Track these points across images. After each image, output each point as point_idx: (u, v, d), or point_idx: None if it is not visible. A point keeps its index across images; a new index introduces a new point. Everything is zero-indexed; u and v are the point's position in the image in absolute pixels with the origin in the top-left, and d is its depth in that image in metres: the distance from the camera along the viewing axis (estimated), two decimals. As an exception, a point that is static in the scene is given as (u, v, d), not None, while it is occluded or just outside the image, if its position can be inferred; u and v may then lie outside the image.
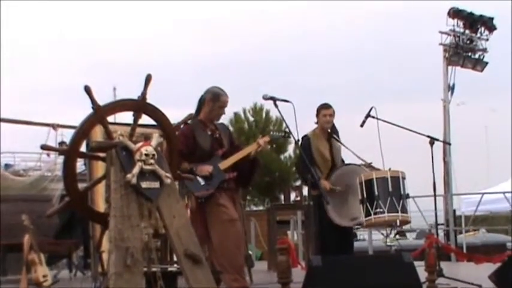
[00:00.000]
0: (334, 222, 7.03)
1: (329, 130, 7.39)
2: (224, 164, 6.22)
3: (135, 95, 4.29)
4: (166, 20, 53.84)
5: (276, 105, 6.23)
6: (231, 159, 6.27)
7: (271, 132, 6.75)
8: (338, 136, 7.45)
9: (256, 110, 29.88)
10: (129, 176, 3.94)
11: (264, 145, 6.33)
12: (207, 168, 6.10)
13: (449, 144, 17.49)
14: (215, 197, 6.10)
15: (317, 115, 7.36)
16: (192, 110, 6.19)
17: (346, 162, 7.40)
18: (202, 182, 6.09)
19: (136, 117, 4.30)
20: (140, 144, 4.09)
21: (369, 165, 7.00)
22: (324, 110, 7.35)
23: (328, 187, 7.03)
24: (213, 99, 6.27)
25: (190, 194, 6.14)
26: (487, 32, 18.72)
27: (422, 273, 5.64)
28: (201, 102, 6.34)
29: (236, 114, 29.30)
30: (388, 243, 9.45)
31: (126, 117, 4.64)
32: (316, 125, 7.43)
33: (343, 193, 7.09)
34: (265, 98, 6.29)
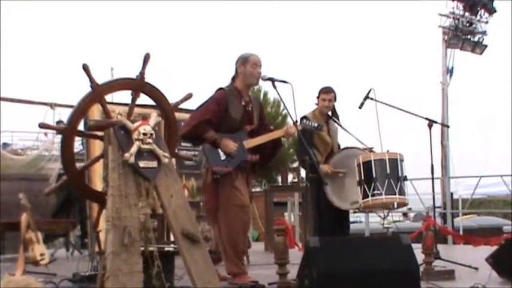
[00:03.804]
0: (334, 205, 7.02)
1: (329, 113, 7.35)
2: (249, 143, 6.13)
3: (133, 75, 4.27)
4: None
5: (275, 86, 6.13)
6: (258, 139, 6.17)
7: (304, 121, 6.66)
8: (338, 120, 7.39)
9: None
10: (126, 155, 3.93)
11: (294, 132, 6.23)
12: (232, 146, 6.01)
13: (448, 126, 17.52)
14: (231, 178, 6.02)
15: (317, 97, 7.31)
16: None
17: (348, 145, 7.33)
18: (222, 157, 6.01)
19: (135, 96, 4.27)
20: (138, 123, 4.07)
21: (370, 151, 6.96)
22: (324, 95, 7.27)
23: (330, 171, 7.00)
24: (244, 62, 6.17)
25: (208, 166, 6.04)
26: (486, 15, 18.69)
27: (419, 256, 5.64)
28: (234, 75, 6.25)
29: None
30: (386, 225, 9.46)
31: (124, 98, 4.62)
32: (316, 106, 7.38)
33: (344, 176, 7.07)
34: (263, 79, 6.20)
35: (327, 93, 7.27)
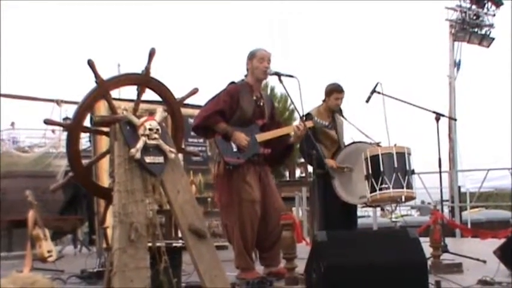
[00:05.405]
0: (342, 199, 7.00)
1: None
2: (261, 137, 6.13)
3: (139, 71, 4.25)
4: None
5: (281, 81, 6.12)
6: (270, 133, 6.17)
7: (315, 118, 6.67)
8: (341, 114, 7.37)
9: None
10: (133, 150, 3.92)
11: (305, 128, 6.19)
12: (244, 139, 5.98)
13: (455, 120, 17.47)
14: (243, 171, 6.02)
15: (328, 95, 7.24)
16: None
17: (355, 140, 7.29)
18: (234, 148, 6.00)
19: (140, 92, 4.26)
20: (144, 118, 4.05)
21: (378, 145, 6.93)
22: (337, 94, 7.21)
23: (335, 165, 6.98)
24: (251, 58, 6.18)
25: (220, 157, 6.05)
26: (494, 8, 18.60)
27: (427, 249, 5.62)
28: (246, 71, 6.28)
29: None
30: (393, 220, 9.44)
31: (130, 94, 4.60)
32: (321, 102, 7.33)
33: (352, 171, 7.05)
34: (270, 73, 6.19)
35: (340, 92, 7.23)
